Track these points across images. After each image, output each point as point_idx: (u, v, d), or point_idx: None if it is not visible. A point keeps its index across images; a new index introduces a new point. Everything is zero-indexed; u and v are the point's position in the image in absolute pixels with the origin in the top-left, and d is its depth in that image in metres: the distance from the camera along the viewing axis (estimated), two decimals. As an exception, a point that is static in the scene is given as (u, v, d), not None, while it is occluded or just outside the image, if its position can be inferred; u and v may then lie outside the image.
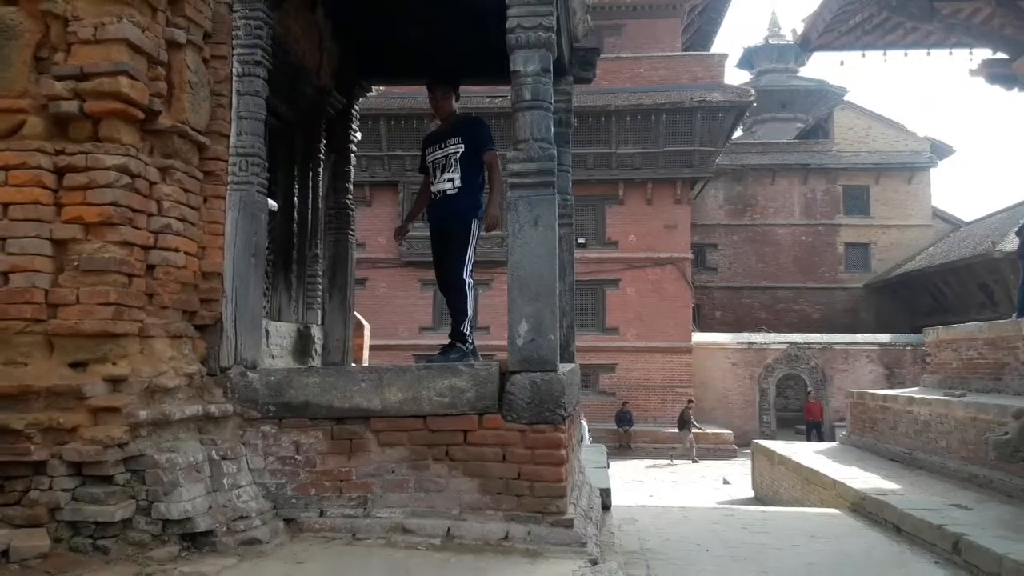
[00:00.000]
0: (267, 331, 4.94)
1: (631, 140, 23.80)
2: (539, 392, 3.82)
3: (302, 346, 5.57)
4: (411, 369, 4.05)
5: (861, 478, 9.34)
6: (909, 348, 22.00)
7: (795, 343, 23.93)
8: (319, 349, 5.82)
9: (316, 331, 5.84)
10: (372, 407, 3.95)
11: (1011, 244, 17.05)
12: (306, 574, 3.33)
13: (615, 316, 23.95)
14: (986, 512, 7.14)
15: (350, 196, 6.35)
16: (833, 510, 8.82)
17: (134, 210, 3.74)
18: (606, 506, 5.40)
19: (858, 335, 24.57)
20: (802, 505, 9.93)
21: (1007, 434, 7.44)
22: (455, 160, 4.81)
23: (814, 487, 10.11)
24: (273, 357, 5.05)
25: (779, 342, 24.16)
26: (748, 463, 15.32)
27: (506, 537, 3.68)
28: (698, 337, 24.27)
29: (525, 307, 3.91)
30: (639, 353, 23.61)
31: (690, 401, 21.61)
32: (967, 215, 31.20)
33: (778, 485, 12.17)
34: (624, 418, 22.09)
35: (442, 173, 4.85)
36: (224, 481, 3.87)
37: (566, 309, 5.45)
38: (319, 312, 5.99)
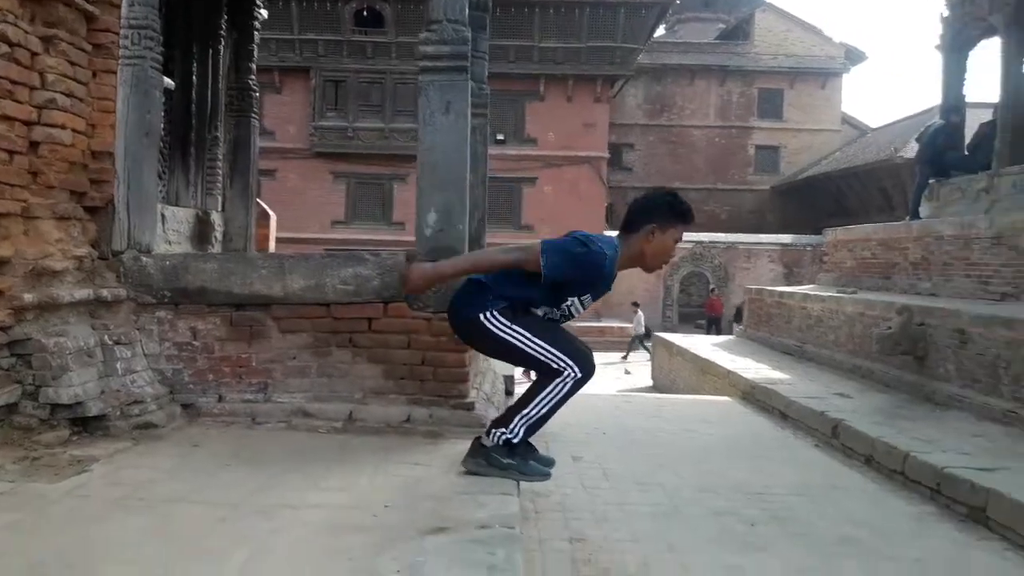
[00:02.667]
0: (163, 215, 4.77)
1: (554, 33, 23.35)
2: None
3: (201, 232, 5.41)
4: (314, 257, 4.00)
5: (753, 368, 9.85)
6: (809, 248, 22.95)
7: (701, 242, 24.65)
8: (219, 236, 5.67)
9: (216, 217, 5.67)
10: (273, 294, 3.91)
11: (912, 150, 17.75)
12: (201, 456, 3.34)
13: (531, 214, 24.09)
14: (865, 400, 7.66)
15: (253, 77, 6.07)
16: (726, 398, 9.33)
17: (13, 82, 3.49)
18: (509, 392, 5.56)
19: (762, 235, 25.46)
20: (697, 394, 10.45)
21: (890, 329, 7.93)
22: None
23: (709, 377, 10.64)
24: (170, 243, 4.89)
25: (686, 241, 24.80)
26: (651, 355, 15.93)
27: (408, 420, 3.76)
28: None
29: (434, 196, 3.88)
30: (553, 250, 23.91)
31: (634, 303, 22.04)
32: (874, 121, 32.21)
33: (676, 375, 12.74)
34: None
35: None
36: (118, 366, 3.80)
37: (478, 202, 5.43)
38: (219, 198, 5.81)
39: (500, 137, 23.78)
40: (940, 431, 6.20)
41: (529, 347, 3.25)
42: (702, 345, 12.82)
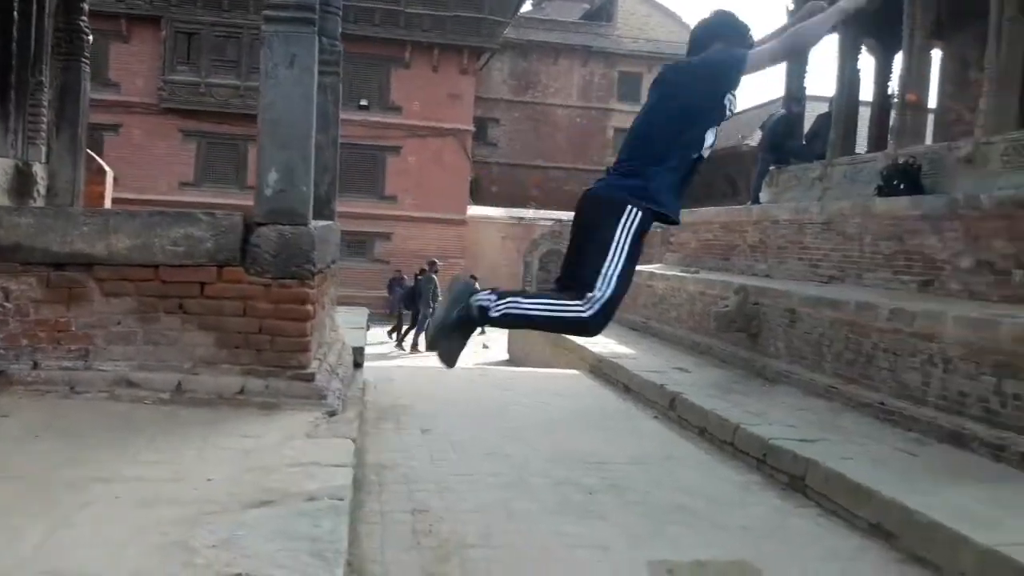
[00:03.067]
0: (-28, 164, 4.32)
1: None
2: (287, 246, 3.69)
3: (21, 185, 4.95)
4: (142, 215, 3.73)
5: (601, 343, 10.14)
6: (659, 229, 23.89)
7: (561, 221, 25.12)
8: (43, 191, 5.21)
9: (39, 170, 5.20)
10: (96, 253, 3.62)
11: (757, 138, 18.73)
12: (8, 426, 3.06)
13: (394, 184, 23.73)
14: (702, 375, 8.06)
15: (85, 18, 5.59)
16: (575, 372, 9.57)
17: None
18: (358, 364, 5.45)
19: (619, 216, 26.22)
20: (550, 367, 10.68)
21: (727, 307, 8.37)
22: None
23: (561, 351, 10.88)
24: (-19, 195, 4.45)
25: (547, 219, 25.25)
26: (507, 330, 16.12)
27: (242, 391, 3.60)
28: (473, 210, 24.75)
29: (275, 154, 3.71)
30: (416, 223, 23.71)
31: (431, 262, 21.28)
32: (724, 110, 33.64)
33: (530, 349, 12.97)
34: (396, 285, 22.29)
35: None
36: (-88, 328, 3.42)
37: (329, 164, 5.25)
38: (43, 149, 5.33)
39: (364, 103, 23.22)
40: (769, 405, 6.61)
41: (609, 261, 2.88)
42: (556, 320, 13.07)
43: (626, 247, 2.91)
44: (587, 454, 5.73)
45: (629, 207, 2.91)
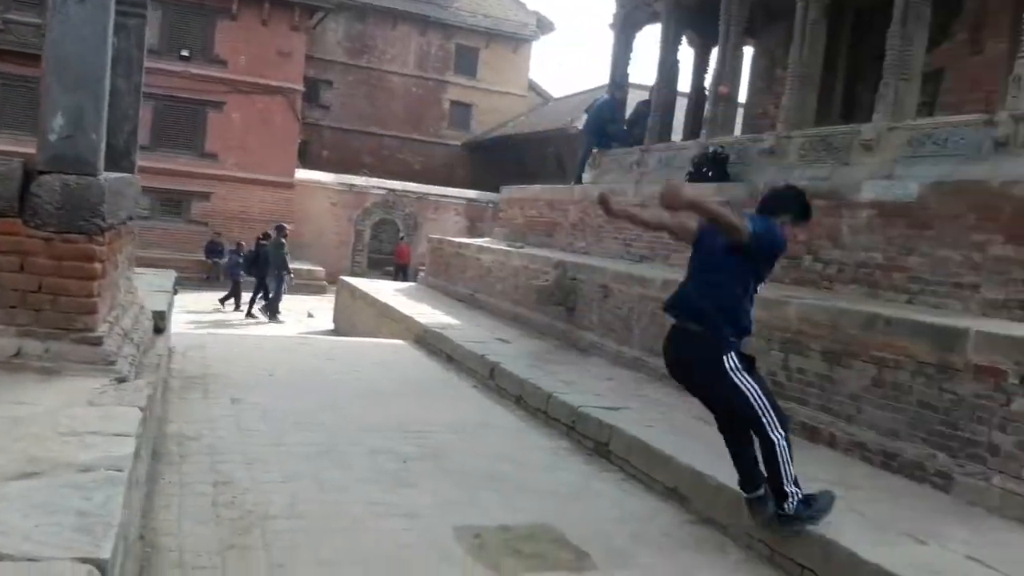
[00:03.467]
0: None
1: (256, -52, 21.71)
2: (73, 197, 3.36)
3: None
4: None
5: (428, 314, 10.16)
6: (491, 205, 24.12)
7: (393, 190, 24.80)
8: None
9: None
10: None
11: (584, 121, 19.30)
12: None
13: (216, 142, 22.38)
14: (522, 345, 8.25)
15: None
16: (400, 341, 9.52)
17: None
18: (159, 329, 5.11)
19: (450, 189, 26.24)
20: (376, 337, 10.55)
21: (547, 281, 8.60)
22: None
23: (388, 321, 10.79)
24: None
25: (379, 188, 24.81)
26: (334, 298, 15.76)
27: (18, 354, 3.27)
28: (302, 174, 23.87)
29: (62, 96, 3.36)
30: (239, 183, 22.54)
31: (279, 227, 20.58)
32: (557, 91, 34.49)
33: (356, 319, 12.76)
34: (215, 249, 21.16)
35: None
36: None
37: (130, 113, 4.84)
38: None
39: (185, 54, 21.64)
40: (580, 374, 6.88)
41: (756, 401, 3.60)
42: (383, 290, 12.95)
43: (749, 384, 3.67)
44: (405, 423, 5.72)
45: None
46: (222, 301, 17.03)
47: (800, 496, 3.59)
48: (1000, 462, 4.14)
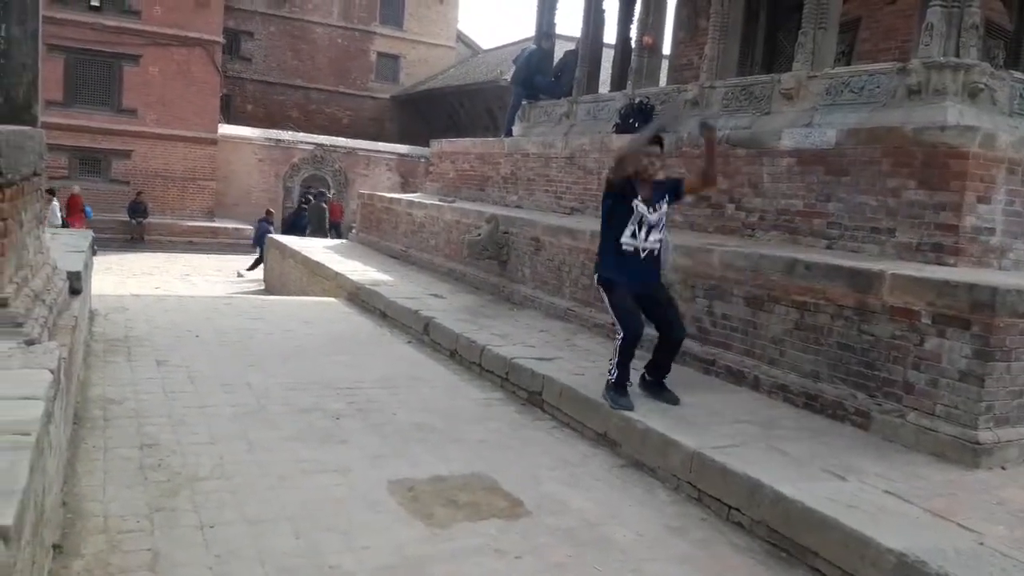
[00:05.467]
0: None
1: None
2: (-33, 152, 3.16)
3: None
4: None
5: (360, 271, 10.03)
6: (423, 160, 23.81)
7: (322, 145, 24.27)
8: None
9: None
10: None
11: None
12: None
13: (133, 97, 21.45)
14: (456, 300, 8.23)
15: None
16: (331, 299, 9.38)
17: None
18: (75, 290, 4.91)
19: (380, 143, 25.80)
20: (307, 296, 10.38)
21: (480, 235, 8.56)
22: (664, 222, 4.93)
23: (319, 279, 10.61)
24: None
25: (307, 143, 24.24)
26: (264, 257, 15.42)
27: (-85, 319, 3.09)
28: (225, 129, 23.13)
29: (-53, 44, 3.13)
30: (160, 140, 21.73)
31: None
32: (486, 43, 33.98)
33: (287, 278, 12.53)
34: (138, 209, 20.46)
35: (651, 233, 4.84)
36: None
37: (28, 62, 4.54)
38: None
39: (95, 3, 20.55)
40: (514, 327, 6.90)
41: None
42: (314, 248, 12.71)
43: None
44: (335, 380, 5.66)
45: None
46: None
47: (614, 379, 4.72)
48: (915, 400, 4.33)
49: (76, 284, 4.99)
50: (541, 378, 5.31)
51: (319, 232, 18.27)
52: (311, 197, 20.88)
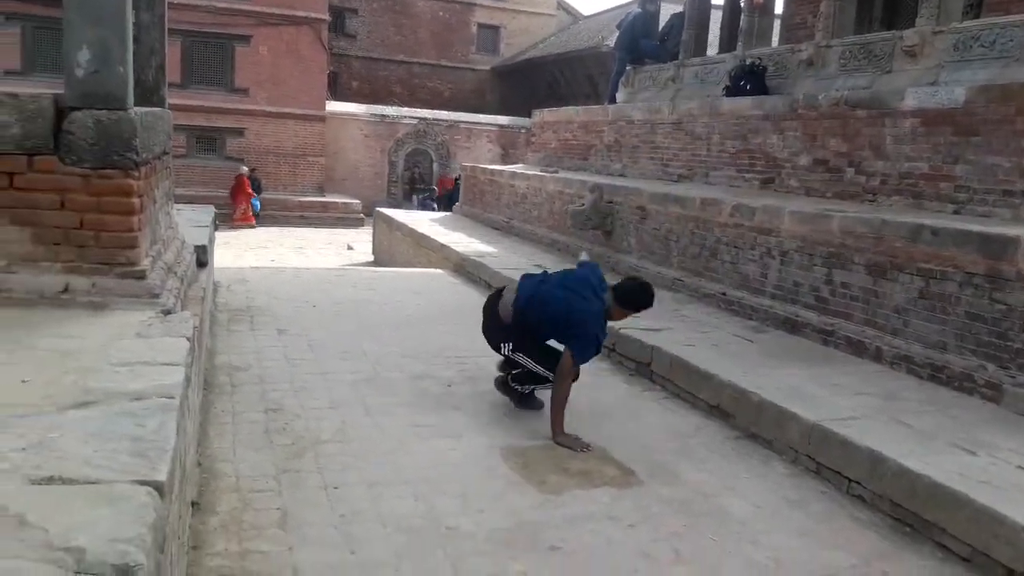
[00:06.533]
0: None
1: None
2: (106, 133, 3.35)
3: None
4: (-72, 94, 3.28)
5: (465, 243, 10.15)
6: (523, 131, 23.81)
7: (425, 119, 24.55)
8: None
9: None
10: None
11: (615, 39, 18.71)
12: None
13: (245, 76, 22.23)
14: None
15: None
16: (438, 271, 9.55)
17: None
18: (202, 263, 5.17)
19: (481, 115, 25.88)
20: (414, 267, 10.60)
21: (583, 205, 8.50)
22: None
23: (425, 251, 10.81)
24: None
25: (411, 117, 24.58)
26: (372, 230, 15.83)
27: (66, 290, 3.32)
28: (333, 106, 23.71)
29: (86, 30, 3.31)
30: (271, 118, 22.48)
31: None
32: (587, 8, 33.46)
33: (395, 250, 12.81)
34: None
35: None
36: None
37: (156, 47, 4.78)
38: None
39: (209, -14, 21.37)
40: (620, 297, 6.83)
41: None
42: (420, 221, 12.94)
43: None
44: (445, 348, 5.77)
45: None
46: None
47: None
48: (1052, 371, 4.06)
49: (203, 257, 5.25)
50: (651, 349, 5.26)
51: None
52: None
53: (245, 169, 20.32)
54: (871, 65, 7.11)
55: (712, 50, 10.90)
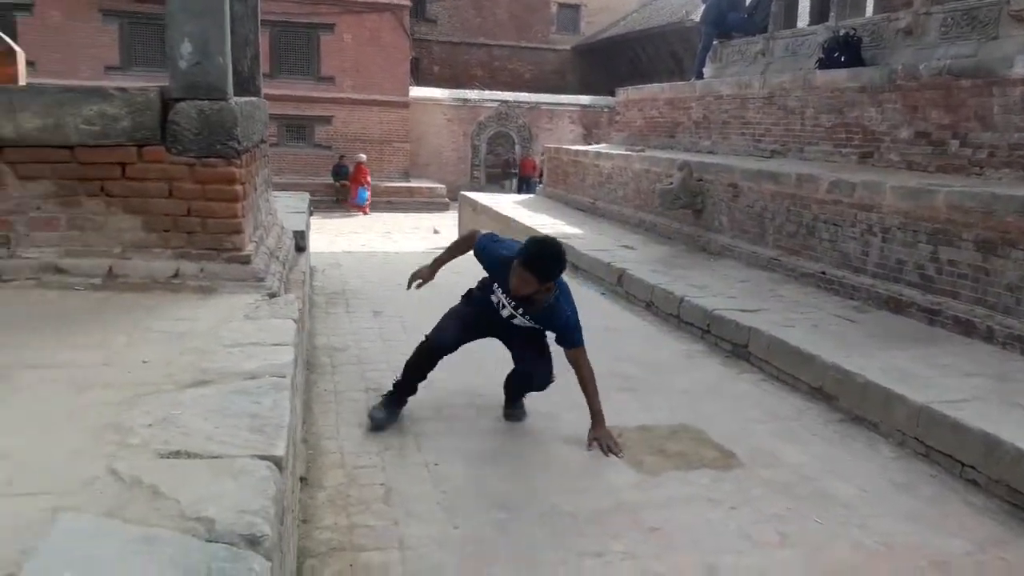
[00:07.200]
0: None
1: None
2: (208, 122, 3.47)
3: (-84, 65, 4.55)
4: (48, 91, 3.46)
5: (550, 224, 10.12)
6: (606, 110, 23.56)
7: (506, 102, 24.56)
8: (-59, 71, 4.81)
9: (-66, 48, 4.78)
10: (3, 135, 3.36)
11: (701, 13, 18.27)
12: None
13: (330, 64, 22.69)
14: (648, 251, 8.12)
15: None
16: (523, 253, 9.54)
17: None
18: (300, 248, 5.32)
19: (563, 96, 25.73)
20: (498, 251, 10.62)
21: (672, 184, 8.35)
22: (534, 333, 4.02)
23: (510, 233, 10.81)
24: None
25: (492, 100, 24.63)
26: (456, 214, 15.99)
27: (176, 274, 3.47)
28: (415, 92, 23.97)
29: (187, 23, 3.43)
30: (356, 105, 22.90)
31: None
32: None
33: (479, 234, 12.88)
34: (340, 172, 21.78)
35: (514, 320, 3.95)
36: None
37: (250, 37, 4.92)
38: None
39: (294, -25, 21.87)
40: (712, 278, 6.71)
41: None
42: (504, 203, 12.99)
43: None
44: (534, 331, 5.78)
45: None
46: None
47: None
48: None
49: (300, 242, 5.40)
50: (747, 330, 5.14)
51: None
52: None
53: (363, 157, 20.82)
54: (975, 32, 6.74)
55: (802, 22, 10.51)
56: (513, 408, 4.11)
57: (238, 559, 1.37)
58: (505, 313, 3.90)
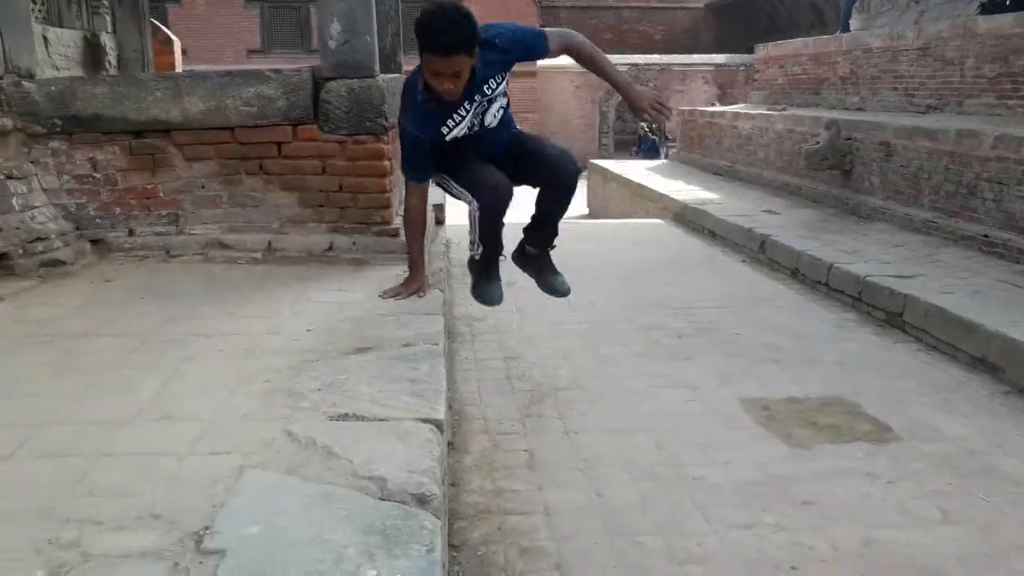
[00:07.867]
0: (45, 38, 4.32)
1: None
2: (357, 100, 3.61)
3: (93, 57, 4.95)
4: (211, 76, 3.68)
5: (685, 190, 9.90)
6: (742, 69, 22.67)
7: (636, 65, 24.05)
8: (113, 61, 5.21)
9: (107, 40, 5.18)
10: (172, 119, 3.62)
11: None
12: (113, 291, 3.19)
13: (459, 37, 22.93)
14: (792, 216, 7.80)
15: None
16: (657, 220, 9.40)
17: None
18: (439, 220, 5.46)
19: (695, 56, 24.93)
20: (631, 218, 10.51)
21: (818, 144, 7.97)
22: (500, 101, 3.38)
23: (642, 201, 10.68)
24: (57, 68, 4.47)
25: (623, 64, 24.17)
26: (585, 183, 15.89)
27: (331, 248, 3.65)
28: (542, 60, 23.88)
29: (336, 3, 3.56)
30: (485, 77, 23.07)
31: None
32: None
33: (610, 201, 12.78)
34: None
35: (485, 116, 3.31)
36: (14, 202, 3.54)
37: (391, 14, 5.06)
38: (108, 18, 5.28)
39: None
40: (863, 243, 6.38)
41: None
42: (635, 170, 12.79)
43: None
44: (671, 299, 5.69)
45: None
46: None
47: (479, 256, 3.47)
48: None
49: (439, 215, 5.54)
50: (902, 297, 4.86)
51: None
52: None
53: None
54: None
55: (964, -38, 9.68)
56: (540, 249, 3.63)
57: (409, 516, 1.44)
58: (477, 121, 3.17)
